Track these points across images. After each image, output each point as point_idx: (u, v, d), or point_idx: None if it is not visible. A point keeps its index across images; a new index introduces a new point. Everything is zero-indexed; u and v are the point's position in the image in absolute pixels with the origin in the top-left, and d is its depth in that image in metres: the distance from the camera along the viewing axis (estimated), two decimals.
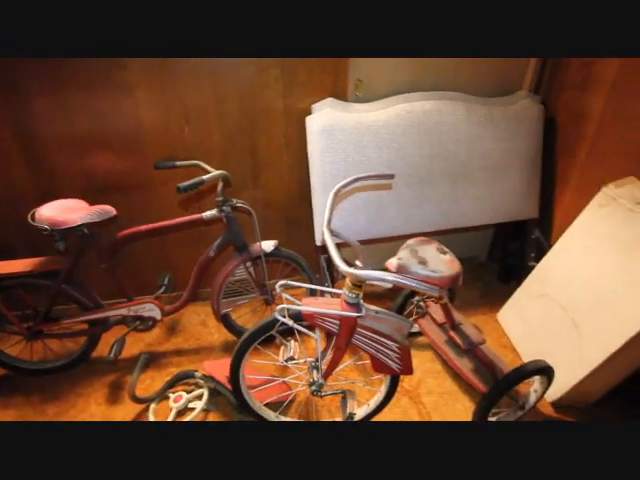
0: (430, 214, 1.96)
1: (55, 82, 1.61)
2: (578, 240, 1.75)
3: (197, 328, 2.06)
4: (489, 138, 1.95)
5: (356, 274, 0.98)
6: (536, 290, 1.89)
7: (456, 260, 1.33)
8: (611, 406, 1.68)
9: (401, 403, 1.69)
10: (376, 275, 0.97)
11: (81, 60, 1.59)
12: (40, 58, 1.55)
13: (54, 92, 1.63)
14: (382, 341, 1.27)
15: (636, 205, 1.54)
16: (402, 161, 1.86)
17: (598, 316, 1.56)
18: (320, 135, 1.77)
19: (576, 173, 1.99)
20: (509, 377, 1.42)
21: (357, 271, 0.98)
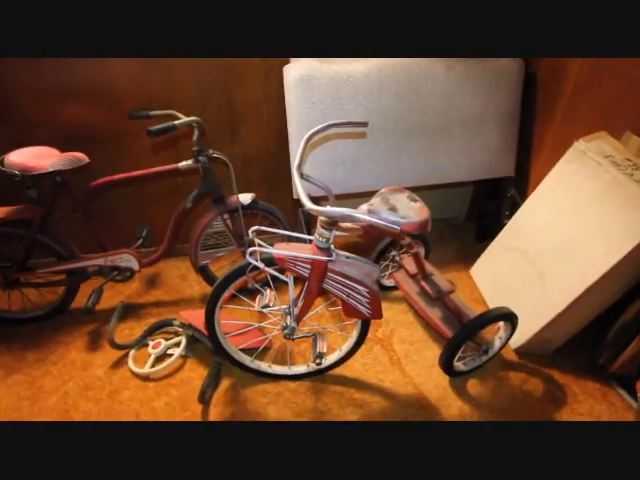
0: (408, 168, 1.97)
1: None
2: (548, 194, 1.79)
3: (177, 281, 2.08)
4: (468, 93, 1.94)
5: (321, 210, 1.00)
6: (507, 244, 1.95)
7: (425, 207, 1.36)
8: (570, 354, 1.78)
9: (374, 351, 1.76)
10: (340, 211, 0.99)
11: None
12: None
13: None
14: (352, 286, 1.31)
15: (604, 158, 1.58)
16: (379, 114, 1.85)
17: (561, 266, 1.62)
18: (297, 85, 1.74)
19: (553, 131, 2.01)
20: (473, 322, 1.49)
21: (322, 208, 1.00)
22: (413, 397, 1.59)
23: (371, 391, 1.60)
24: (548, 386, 1.67)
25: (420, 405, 1.56)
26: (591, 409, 1.59)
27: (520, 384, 1.66)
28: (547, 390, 1.65)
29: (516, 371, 1.72)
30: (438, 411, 1.54)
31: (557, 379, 1.70)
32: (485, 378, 1.68)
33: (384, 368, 1.69)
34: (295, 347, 1.74)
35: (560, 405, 1.60)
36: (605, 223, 1.51)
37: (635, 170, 1.51)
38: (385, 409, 1.53)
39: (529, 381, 1.68)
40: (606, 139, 1.67)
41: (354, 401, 1.55)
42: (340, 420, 1.48)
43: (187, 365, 1.65)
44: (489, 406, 1.57)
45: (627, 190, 1.46)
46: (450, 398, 1.59)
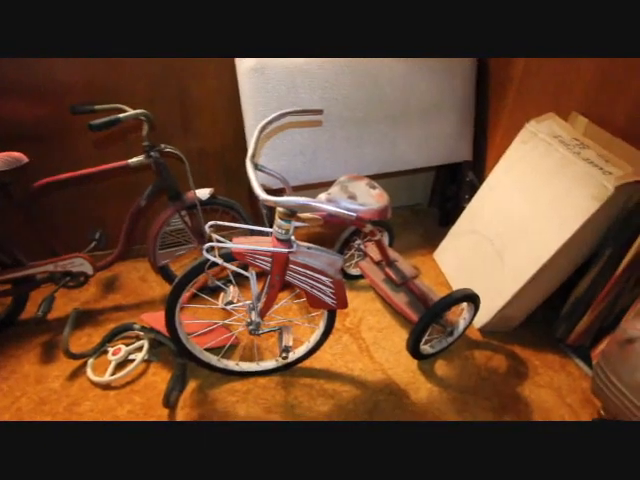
0: (368, 157, 1.97)
1: None
2: (503, 176, 1.84)
3: (136, 283, 2.00)
4: (424, 80, 1.95)
5: (275, 201, 0.97)
6: (467, 227, 1.99)
7: (385, 194, 1.35)
8: (530, 329, 1.85)
9: (342, 340, 1.76)
10: (295, 200, 0.97)
11: None
12: None
13: None
14: (315, 277, 1.29)
15: (553, 138, 1.63)
16: (337, 102, 1.83)
17: (518, 245, 1.67)
18: (250, 75, 1.69)
19: (506, 114, 2.06)
20: (437, 305, 1.51)
21: (276, 198, 0.97)
22: (383, 383, 1.60)
23: (341, 380, 1.59)
24: (511, 361, 1.72)
25: (390, 390, 1.57)
26: (551, 380, 1.66)
27: (485, 362, 1.71)
28: (510, 365, 1.71)
29: (481, 349, 1.76)
30: (407, 395, 1.56)
31: (519, 354, 1.76)
32: (452, 359, 1.72)
33: (353, 357, 1.69)
34: (263, 342, 1.71)
35: (523, 379, 1.66)
36: (557, 201, 1.56)
37: (582, 149, 1.56)
38: (356, 397, 1.54)
39: (493, 358, 1.73)
40: (555, 120, 1.72)
41: (324, 392, 1.55)
42: (311, 414, 1.47)
43: (151, 370, 1.59)
44: (457, 386, 1.61)
45: (575, 168, 1.52)
46: (419, 381, 1.61)
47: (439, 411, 1.52)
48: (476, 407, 1.54)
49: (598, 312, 1.59)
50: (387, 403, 1.53)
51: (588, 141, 1.59)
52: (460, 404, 1.55)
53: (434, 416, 1.50)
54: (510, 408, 1.55)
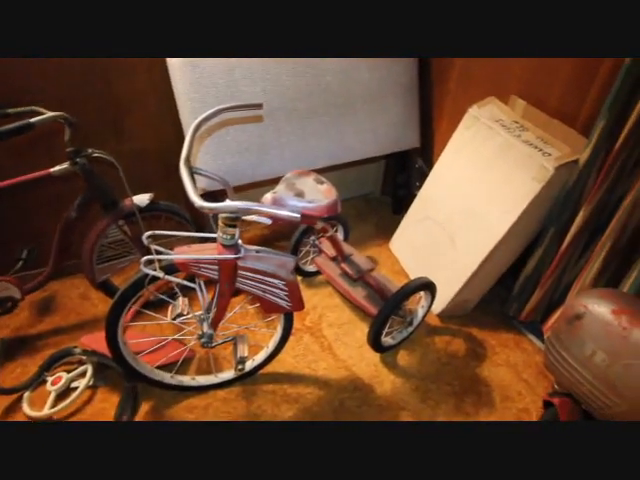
0: (316, 149, 1.91)
1: None
2: (450, 162, 1.85)
3: (77, 302, 1.84)
4: (366, 67, 1.91)
5: (212, 207, 0.89)
6: (419, 215, 2.00)
7: (333, 188, 1.31)
8: (485, 310, 1.89)
9: (303, 340, 1.72)
10: (234, 205, 0.90)
11: None
12: None
13: None
14: (267, 280, 1.23)
15: (494, 122, 1.65)
16: (279, 94, 1.76)
17: (468, 229, 1.70)
18: (183, 69, 1.57)
19: (449, 100, 2.07)
20: (395, 297, 1.50)
21: (213, 204, 0.89)
22: (347, 380, 1.58)
23: (305, 383, 1.55)
24: (469, 344, 1.76)
25: (354, 387, 1.55)
26: (507, 358, 1.71)
27: (445, 347, 1.74)
28: (469, 348, 1.74)
29: (440, 335, 1.79)
30: (372, 389, 1.55)
31: (476, 335, 1.80)
32: (413, 347, 1.72)
33: (316, 356, 1.65)
34: (220, 351, 1.63)
35: (481, 360, 1.69)
36: (502, 184, 1.59)
37: (522, 131, 1.60)
38: (321, 398, 1.50)
39: (452, 342, 1.76)
40: (495, 103, 1.75)
41: (288, 397, 1.50)
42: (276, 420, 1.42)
43: (98, 396, 1.46)
44: (419, 374, 1.62)
45: (517, 151, 1.54)
46: (382, 374, 1.61)
47: (403, 402, 1.52)
48: (438, 393, 1.56)
49: (546, 288, 1.65)
50: (353, 400, 1.51)
51: (527, 123, 1.62)
52: (423, 392, 1.56)
53: (399, 407, 1.50)
54: (471, 390, 1.58)
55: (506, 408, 1.53)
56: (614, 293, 1.21)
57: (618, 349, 1.09)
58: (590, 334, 1.15)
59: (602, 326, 1.12)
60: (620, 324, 1.09)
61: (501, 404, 1.54)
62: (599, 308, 1.14)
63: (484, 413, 1.51)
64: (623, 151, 1.31)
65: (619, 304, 1.12)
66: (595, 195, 1.40)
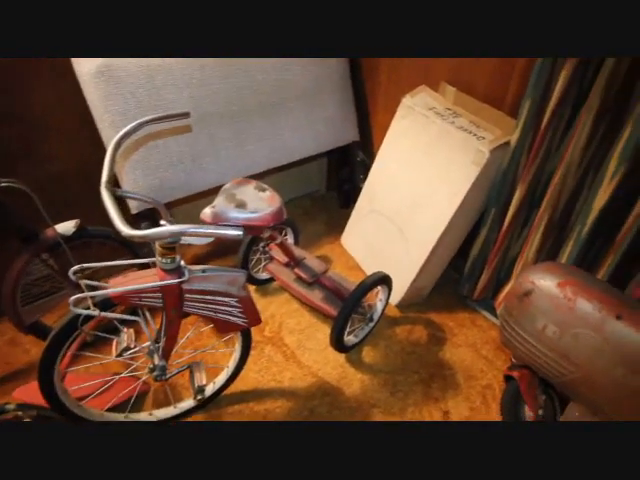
0: (254, 153, 1.84)
1: None
2: (390, 152, 1.86)
3: (5, 350, 1.63)
4: (297, 63, 1.86)
5: (142, 235, 0.81)
6: (366, 208, 2.00)
7: (276, 195, 1.25)
8: (440, 293, 1.94)
9: (265, 352, 1.65)
10: (166, 231, 0.82)
11: None
12: None
13: None
14: (218, 300, 1.15)
15: (428, 110, 1.67)
16: (208, 99, 1.66)
17: (415, 218, 1.71)
18: (96, 80, 1.43)
19: (382, 91, 2.08)
20: (353, 295, 1.48)
21: (143, 231, 0.80)
22: (315, 386, 1.54)
23: (272, 396, 1.50)
24: (429, 329, 1.79)
25: (323, 392, 1.52)
26: (466, 338, 1.76)
27: (407, 336, 1.75)
28: (429, 333, 1.77)
29: (401, 325, 1.80)
30: (341, 391, 1.53)
31: (435, 320, 1.83)
32: (376, 342, 1.72)
33: (280, 367, 1.60)
34: (178, 379, 1.53)
35: (442, 343, 1.73)
36: (442, 171, 1.61)
37: (456, 118, 1.63)
38: (290, 410, 1.45)
39: (413, 330, 1.78)
40: (427, 92, 1.77)
41: (256, 414, 1.43)
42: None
43: None
44: (386, 368, 1.62)
45: (453, 137, 1.57)
46: (350, 374, 1.59)
47: (374, 399, 1.51)
48: (406, 383, 1.57)
49: (494, 266, 1.71)
50: (323, 406, 1.48)
51: (459, 109, 1.66)
52: (392, 385, 1.56)
53: (370, 405, 1.49)
54: (437, 375, 1.61)
55: (471, 387, 1.57)
56: (557, 266, 1.27)
57: (566, 320, 1.14)
58: (539, 308, 1.19)
59: (550, 300, 1.17)
60: (566, 296, 1.14)
61: (466, 384, 1.58)
62: (545, 282, 1.19)
63: (451, 395, 1.54)
64: (549, 129, 1.37)
65: (563, 276, 1.17)
66: (528, 173, 1.46)
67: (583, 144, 1.30)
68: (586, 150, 1.31)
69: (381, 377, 1.59)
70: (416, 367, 1.63)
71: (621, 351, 1.04)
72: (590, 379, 1.12)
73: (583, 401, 1.20)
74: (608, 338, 1.06)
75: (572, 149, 1.33)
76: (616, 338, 1.05)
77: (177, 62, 1.56)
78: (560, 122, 1.36)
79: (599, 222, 1.31)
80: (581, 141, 1.30)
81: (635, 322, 1.03)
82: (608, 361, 1.06)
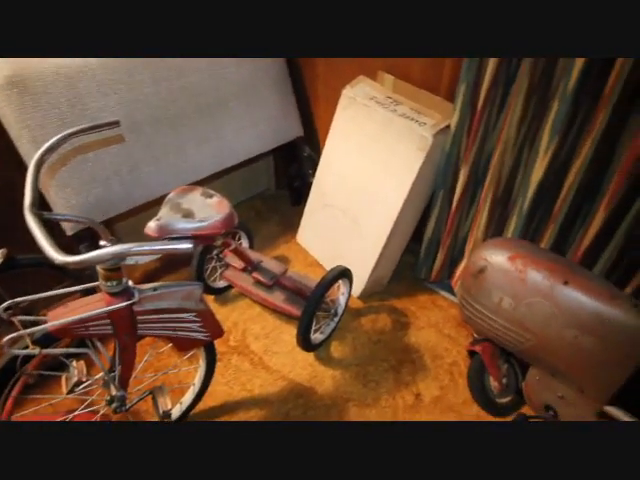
0: (196, 158, 1.75)
1: None
2: (337, 146, 1.85)
3: None
4: (232, 62, 1.79)
5: (77, 260, 0.73)
6: (318, 203, 1.98)
7: (225, 200, 1.20)
8: (399, 279, 1.97)
9: (232, 363, 1.60)
10: (106, 253, 0.75)
11: None
12: None
13: None
14: (175, 317, 1.09)
15: (370, 100, 1.68)
16: (140, 104, 1.55)
17: (368, 208, 1.72)
18: (7, 92, 1.29)
19: (320, 83, 2.06)
20: (315, 293, 1.46)
21: (77, 258, 0.73)
22: (287, 390, 1.51)
23: (244, 407, 1.45)
24: (393, 316, 1.82)
25: (296, 394, 1.50)
26: (428, 319, 1.81)
27: (372, 326, 1.77)
28: (394, 320, 1.80)
29: (365, 316, 1.81)
30: (314, 391, 1.51)
31: (397, 306, 1.87)
32: (343, 336, 1.72)
33: (249, 375, 1.55)
34: (141, 405, 1.43)
35: (406, 328, 1.76)
36: (390, 159, 1.63)
37: (397, 105, 1.65)
38: (264, 417, 1.42)
39: (378, 319, 1.80)
40: (366, 82, 1.78)
41: None
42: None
43: None
44: (355, 360, 1.62)
45: (396, 125, 1.59)
46: (320, 372, 1.58)
47: (347, 393, 1.51)
48: (377, 373, 1.58)
49: (447, 247, 1.76)
50: (297, 409, 1.45)
51: (399, 97, 1.68)
52: (363, 377, 1.57)
53: (344, 400, 1.49)
54: (405, 360, 1.63)
55: (438, 367, 1.62)
56: (506, 241, 1.33)
57: (519, 291, 1.19)
58: (494, 283, 1.24)
59: (502, 274, 1.22)
60: (517, 269, 1.19)
61: (433, 364, 1.63)
62: (497, 258, 1.24)
63: (420, 377, 1.57)
64: (485, 110, 1.42)
65: (512, 250, 1.23)
66: (470, 154, 1.51)
67: (517, 122, 1.36)
68: (520, 127, 1.37)
69: (352, 370, 1.59)
70: (384, 355, 1.65)
71: (570, 314, 1.11)
72: (546, 344, 1.18)
73: (541, 365, 1.27)
74: (558, 303, 1.12)
75: (507, 127, 1.39)
76: (565, 302, 1.11)
77: (101, 66, 1.45)
78: (494, 103, 1.42)
79: (538, 195, 1.38)
80: (515, 119, 1.36)
81: (580, 285, 1.10)
82: (560, 325, 1.13)
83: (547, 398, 1.30)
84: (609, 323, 1.04)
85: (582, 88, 1.18)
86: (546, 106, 1.28)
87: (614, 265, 1.36)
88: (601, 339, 1.07)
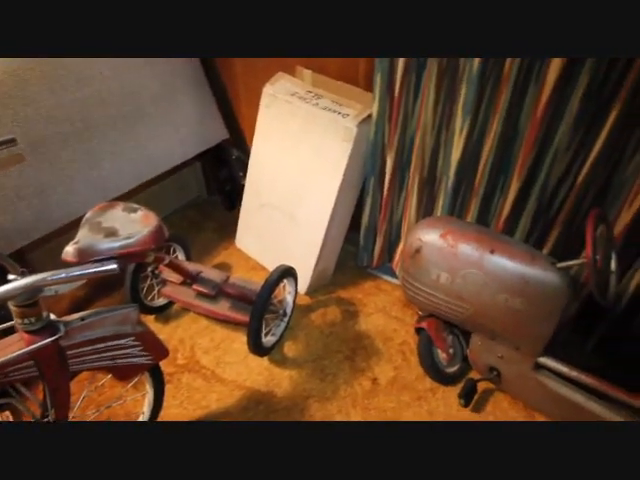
0: (114, 173, 1.63)
1: None
2: (264, 144, 1.83)
3: None
4: (141, 65, 1.68)
5: None
6: (253, 204, 1.95)
7: (151, 213, 1.13)
8: (342, 270, 2.00)
9: (183, 382, 1.52)
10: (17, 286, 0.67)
11: None
12: None
13: None
14: (111, 345, 1.01)
15: (292, 96, 1.67)
16: (40, 118, 1.41)
17: (303, 203, 1.73)
18: None
19: (240, 83, 2.01)
20: (260, 296, 1.44)
21: None
22: (245, 398, 1.47)
23: None
24: (341, 306, 1.84)
25: (255, 401, 1.46)
26: (375, 305, 1.86)
27: (323, 320, 1.78)
28: (342, 310, 1.82)
29: (314, 311, 1.82)
30: (273, 394, 1.49)
31: (344, 296, 1.89)
32: (295, 334, 1.71)
33: (203, 392, 1.49)
34: None
35: (356, 316, 1.80)
36: (318, 152, 1.64)
37: (318, 99, 1.66)
38: None
39: (327, 312, 1.81)
40: (286, 78, 1.76)
41: None
42: None
43: None
44: (310, 356, 1.62)
45: (320, 118, 1.60)
46: (277, 375, 1.55)
47: (307, 391, 1.50)
48: (333, 365, 1.59)
49: (384, 232, 1.82)
50: (258, 415, 1.42)
51: (320, 91, 1.69)
52: (320, 371, 1.57)
53: (304, 398, 1.48)
54: (358, 348, 1.66)
55: (390, 348, 1.67)
56: (436, 220, 1.40)
57: (454, 265, 1.26)
58: (430, 261, 1.30)
59: (437, 251, 1.28)
60: (449, 244, 1.26)
61: (385, 347, 1.67)
62: (430, 237, 1.30)
63: (375, 362, 1.61)
64: (402, 97, 1.47)
65: (443, 227, 1.29)
66: (393, 140, 1.57)
67: (432, 106, 1.43)
68: (436, 111, 1.44)
69: (308, 367, 1.59)
70: (338, 346, 1.67)
71: (500, 279, 1.19)
72: (482, 310, 1.26)
73: (481, 331, 1.36)
74: (488, 271, 1.20)
75: (424, 112, 1.45)
76: (494, 269, 1.20)
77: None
78: (409, 90, 1.48)
79: (459, 173, 1.47)
80: (430, 104, 1.43)
81: (505, 252, 1.19)
82: (492, 291, 1.21)
83: (490, 360, 1.39)
84: (532, 283, 1.14)
85: (485, 70, 1.27)
86: (456, 89, 1.36)
87: (531, 229, 1.50)
88: (527, 299, 1.16)
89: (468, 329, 1.42)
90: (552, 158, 1.33)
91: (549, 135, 1.30)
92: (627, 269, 1.39)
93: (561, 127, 1.27)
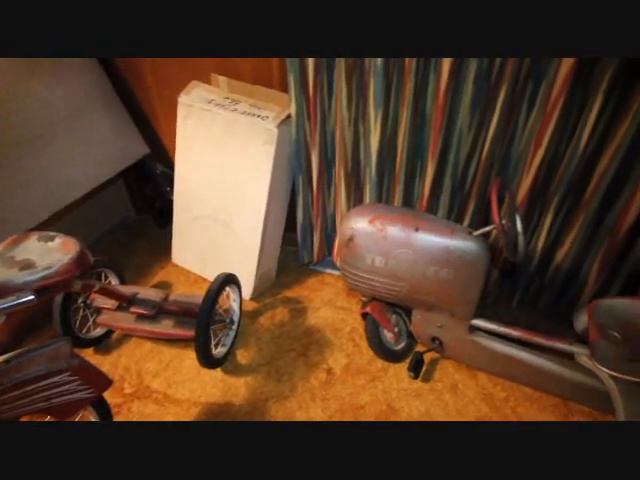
0: (28, 202, 1.52)
1: None
2: (188, 156, 1.80)
3: None
4: (38, 84, 1.58)
5: None
6: (185, 217, 1.90)
7: (71, 239, 1.07)
8: (286, 270, 2.02)
9: (134, 410, 1.45)
10: None
11: None
12: None
13: None
14: (44, 385, 0.95)
15: (209, 104, 1.66)
16: None
17: (237, 210, 1.73)
18: None
19: (153, 95, 1.95)
20: (203, 308, 1.41)
21: None
22: (203, 414, 1.44)
23: None
24: (289, 306, 1.86)
25: (214, 414, 1.44)
26: (321, 299, 1.90)
27: (272, 321, 1.79)
28: (290, 309, 1.84)
29: (262, 315, 1.82)
30: (231, 404, 1.47)
31: (290, 295, 1.92)
32: (246, 340, 1.70)
33: (157, 416, 1.43)
34: None
35: (304, 313, 1.83)
36: (243, 158, 1.65)
37: (236, 105, 1.66)
38: None
39: (275, 314, 1.82)
40: (200, 86, 1.75)
41: None
42: None
43: None
44: (264, 360, 1.62)
45: (240, 124, 1.61)
46: (232, 385, 1.54)
47: (264, 394, 1.51)
48: (288, 364, 1.61)
49: (320, 227, 1.87)
50: None
51: (237, 96, 1.70)
52: (275, 373, 1.58)
53: (263, 401, 1.48)
54: (311, 343, 1.70)
55: (341, 337, 1.72)
56: (364, 207, 1.46)
57: (385, 248, 1.33)
58: (364, 247, 1.36)
59: (368, 237, 1.35)
60: (378, 229, 1.32)
61: (336, 337, 1.72)
62: (360, 224, 1.36)
63: (328, 354, 1.65)
64: (317, 95, 1.52)
65: (371, 214, 1.36)
66: (315, 137, 1.61)
67: (346, 102, 1.50)
68: (350, 106, 1.51)
69: (263, 370, 1.59)
70: (290, 345, 1.69)
71: (427, 254, 1.28)
72: (416, 286, 1.35)
73: (419, 305, 1.46)
74: (416, 248, 1.29)
75: (339, 108, 1.52)
76: (420, 246, 1.28)
77: None
78: (323, 88, 1.53)
79: (380, 162, 1.55)
80: (343, 100, 1.49)
81: (428, 228, 1.28)
82: (422, 266, 1.30)
83: (431, 331, 1.49)
84: (455, 253, 1.24)
85: (388, 65, 1.35)
86: (365, 84, 1.44)
87: (451, 205, 1.62)
88: (453, 268, 1.26)
89: (408, 306, 1.51)
90: (458, 138, 1.46)
91: (452, 118, 1.42)
92: (535, 229, 1.56)
93: (461, 110, 1.40)
